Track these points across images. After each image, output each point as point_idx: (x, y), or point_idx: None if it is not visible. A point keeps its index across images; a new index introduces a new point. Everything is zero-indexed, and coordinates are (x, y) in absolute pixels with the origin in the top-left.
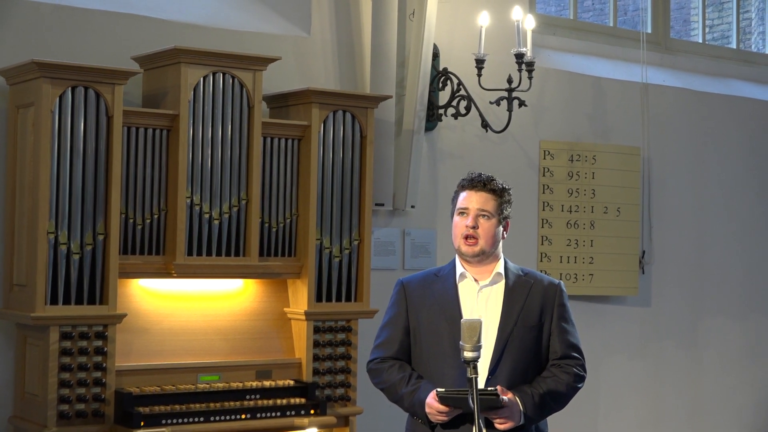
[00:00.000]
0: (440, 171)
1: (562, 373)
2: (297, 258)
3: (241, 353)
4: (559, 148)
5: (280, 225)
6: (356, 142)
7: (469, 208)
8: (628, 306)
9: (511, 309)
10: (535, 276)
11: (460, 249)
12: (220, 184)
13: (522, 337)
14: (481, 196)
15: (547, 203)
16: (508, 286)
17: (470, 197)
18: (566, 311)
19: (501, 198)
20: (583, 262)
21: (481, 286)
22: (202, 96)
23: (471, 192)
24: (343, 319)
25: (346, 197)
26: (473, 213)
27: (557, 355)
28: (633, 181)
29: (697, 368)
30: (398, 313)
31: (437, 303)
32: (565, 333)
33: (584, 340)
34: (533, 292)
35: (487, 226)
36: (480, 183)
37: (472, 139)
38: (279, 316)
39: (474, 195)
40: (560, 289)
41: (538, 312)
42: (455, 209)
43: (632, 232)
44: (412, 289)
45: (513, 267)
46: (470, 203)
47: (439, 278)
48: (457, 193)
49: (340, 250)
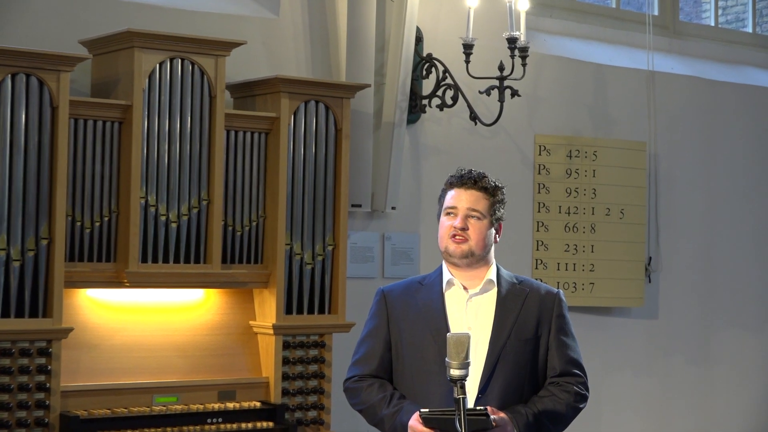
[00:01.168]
0: (424, 168)
1: (562, 392)
2: (264, 265)
3: (201, 371)
4: (557, 143)
5: (246, 228)
6: (330, 136)
7: (458, 208)
8: (633, 318)
9: (504, 320)
10: (531, 284)
11: (447, 249)
12: (178, 182)
13: (516, 352)
14: (471, 195)
15: (542, 204)
16: (501, 294)
17: (459, 196)
18: (566, 323)
19: (493, 197)
20: (582, 270)
21: (470, 294)
22: (158, 84)
23: (460, 190)
24: (315, 334)
25: (319, 198)
26: (462, 213)
27: (556, 372)
28: (638, 179)
29: (708, 386)
30: (378, 325)
31: (421, 314)
32: (564, 347)
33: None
34: (529, 301)
35: (477, 227)
36: (470, 180)
37: (459, 133)
38: (244, 330)
39: (463, 193)
40: (559, 298)
41: (534, 324)
42: (442, 209)
43: (637, 237)
44: (394, 299)
45: (506, 274)
46: (459, 202)
47: (423, 286)
48: (444, 192)
49: (313, 256)
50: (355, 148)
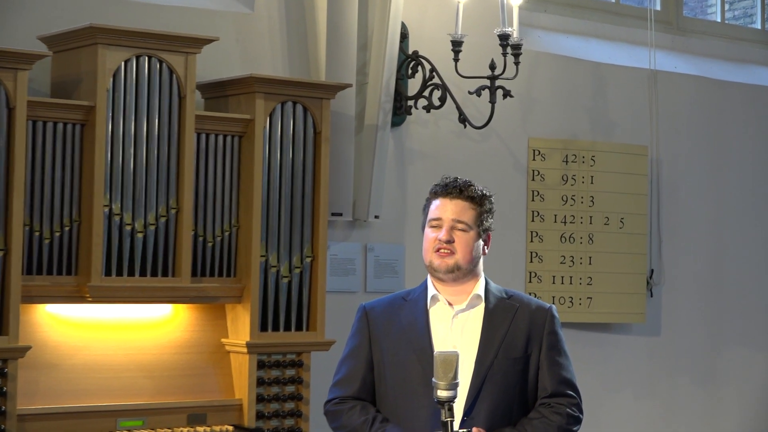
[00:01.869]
0: (410, 174)
1: (553, 414)
2: (237, 279)
3: (169, 393)
4: (552, 147)
5: (217, 239)
6: (309, 139)
7: (443, 219)
8: (634, 335)
9: (492, 337)
10: (521, 299)
11: (432, 263)
12: (144, 189)
13: (504, 371)
14: (456, 205)
15: (537, 213)
16: (489, 310)
17: (444, 206)
18: (558, 340)
19: (481, 207)
20: (580, 284)
21: (456, 311)
22: (124, 84)
23: (445, 200)
24: (292, 352)
25: (296, 206)
26: (447, 224)
27: (547, 393)
28: (639, 186)
29: (715, 409)
30: (360, 344)
31: (404, 332)
32: (556, 366)
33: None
34: (519, 317)
35: (464, 240)
36: (455, 189)
37: (447, 136)
38: (215, 349)
39: (449, 203)
40: (551, 314)
41: (524, 341)
42: (426, 220)
43: (638, 248)
44: (376, 316)
45: (495, 288)
46: (444, 213)
47: (407, 302)
48: (428, 202)
49: (290, 269)
50: (336, 153)
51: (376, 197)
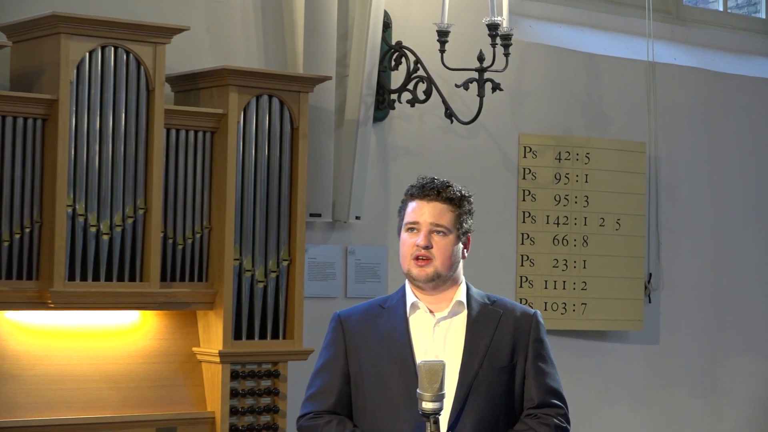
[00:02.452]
0: (393, 172)
1: (540, 425)
2: (209, 283)
3: (137, 405)
4: (544, 144)
5: (188, 241)
6: (286, 135)
7: (420, 223)
8: (631, 343)
9: (476, 346)
10: (505, 305)
11: (410, 272)
12: (110, 189)
13: (490, 382)
14: (434, 208)
15: (528, 213)
16: (471, 317)
17: (421, 209)
18: (544, 348)
19: (460, 208)
20: (573, 289)
21: (437, 318)
22: (88, 76)
23: (422, 202)
24: (268, 362)
25: (272, 206)
26: (425, 229)
27: (533, 403)
28: (637, 185)
29: (716, 422)
30: (335, 355)
31: (383, 342)
32: (542, 375)
33: (576, 386)
34: (503, 324)
35: (443, 245)
36: (433, 191)
37: (433, 132)
38: (186, 358)
39: (426, 206)
40: (536, 320)
41: (509, 349)
42: (402, 224)
43: (636, 251)
44: (352, 325)
45: (477, 294)
46: (421, 216)
47: (385, 310)
48: (404, 204)
49: (265, 273)
50: (314, 150)
51: (357, 197)
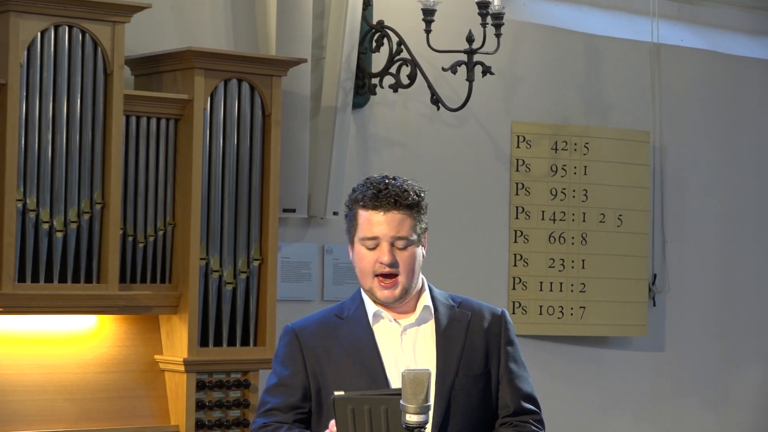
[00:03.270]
0: (374, 164)
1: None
2: (173, 285)
3: (94, 419)
4: (539, 133)
5: (150, 239)
6: (257, 123)
7: (380, 237)
8: (634, 350)
9: (449, 355)
10: (471, 305)
11: (374, 293)
12: (64, 181)
13: (468, 392)
14: (393, 219)
15: (521, 209)
16: (440, 323)
17: (378, 221)
18: (516, 350)
19: (418, 211)
20: (571, 291)
21: (403, 326)
22: (40, 58)
23: (377, 213)
24: (237, 371)
25: (242, 200)
26: (386, 242)
27: (509, 410)
28: (640, 178)
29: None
30: (294, 372)
31: (348, 354)
32: (517, 380)
33: (575, 397)
34: (473, 328)
35: (407, 257)
36: (389, 200)
37: (417, 120)
38: (148, 367)
39: (383, 218)
40: (505, 320)
41: (483, 354)
42: (356, 236)
43: (639, 249)
44: (309, 339)
45: (440, 295)
46: (380, 230)
47: (344, 321)
48: (353, 212)
49: (234, 274)
50: (288, 139)
51: (336, 191)
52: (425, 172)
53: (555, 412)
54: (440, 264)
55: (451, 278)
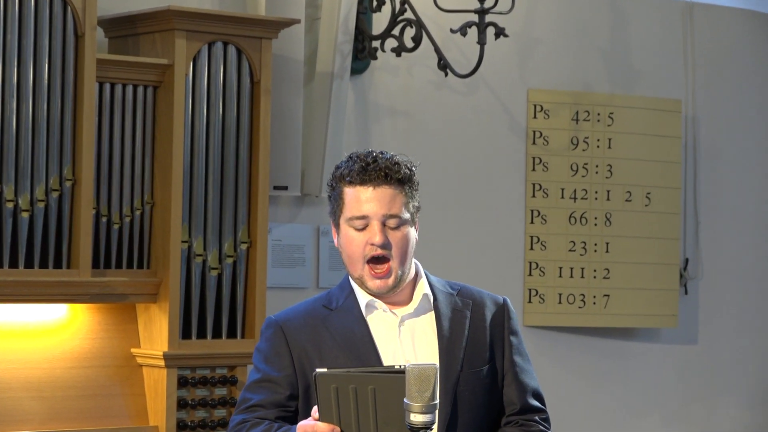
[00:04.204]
0: (374, 135)
1: None
2: (152, 271)
3: (64, 418)
4: (558, 102)
5: (126, 220)
6: (245, 91)
7: (370, 216)
8: (663, 343)
9: (452, 348)
10: (471, 294)
11: (365, 282)
12: (31, 156)
13: (473, 388)
14: (384, 195)
15: (539, 186)
16: (441, 313)
17: (367, 198)
18: (520, 341)
19: (410, 186)
20: (594, 277)
21: (401, 317)
22: (3, 19)
23: (366, 189)
24: (223, 366)
25: (228, 177)
26: (377, 221)
27: (516, 408)
28: (671, 151)
29: None
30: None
31: (341, 348)
32: (523, 374)
33: (597, 395)
34: (475, 318)
35: (399, 239)
36: (378, 174)
37: (423, 87)
38: (124, 361)
39: (372, 193)
40: (508, 309)
41: (487, 347)
42: (341, 217)
43: (670, 231)
44: (295, 332)
45: (438, 282)
46: (370, 208)
47: (333, 312)
48: (337, 190)
49: (220, 258)
50: (279, 109)
51: (332, 166)
52: (431, 145)
53: (574, 413)
54: (447, 248)
55: (459, 264)
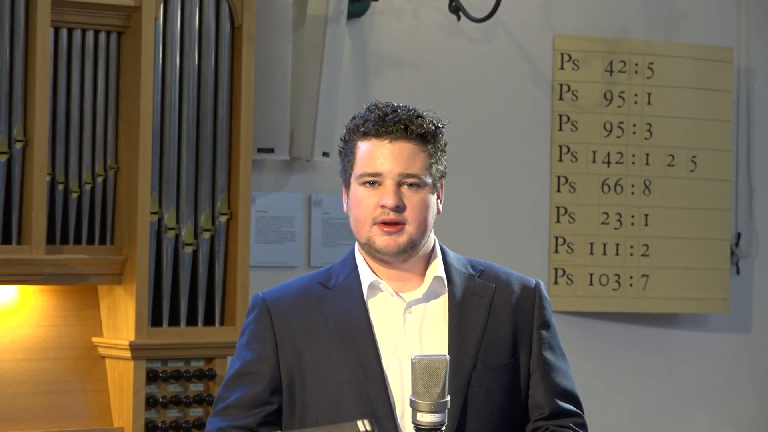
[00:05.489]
0: (375, 89)
1: None
2: (116, 247)
3: (15, 419)
4: (589, 50)
5: (86, 188)
6: (224, 38)
7: (384, 174)
8: (712, 332)
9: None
10: (496, 274)
11: (373, 242)
12: None
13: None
14: (402, 150)
15: (566, 148)
16: (455, 298)
17: (383, 153)
18: (553, 334)
19: (435, 146)
20: (630, 255)
21: (408, 302)
22: None
23: (382, 142)
24: (199, 357)
25: (205, 138)
26: (392, 181)
27: (544, 413)
28: (720, 108)
29: None
30: (260, 356)
31: (332, 336)
32: (553, 373)
33: (634, 392)
34: (497, 304)
35: (416, 202)
36: (398, 126)
37: (433, 34)
38: (84, 352)
39: (388, 148)
40: (540, 295)
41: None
42: (353, 173)
43: (719, 201)
44: (284, 313)
45: (457, 260)
46: (384, 164)
47: (330, 291)
48: (350, 144)
49: (195, 233)
50: (265, 58)
51: (326, 125)
52: (441, 101)
53: (607, 414)
54: (458, 220)
55: (472, 239)
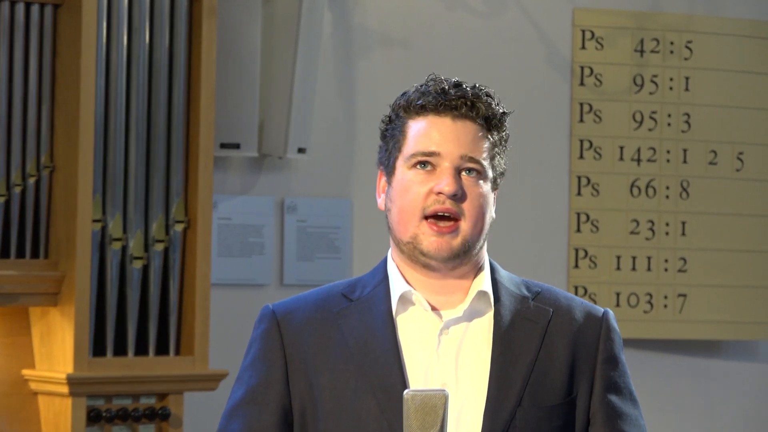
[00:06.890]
0: (361, 73)
1: None
2: (52, 261)
3: None
4: (615, 26)
5: (15, 190)
6: (180, 12)
7: (442, 155)
8: (761, 362)
9: (511, 372)
10: (556, 298)
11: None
12: None
13: (534, 429)
14: (465, 130)
15: (589, 143)
16: (502, 321)
17: (443, 130)
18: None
19: (499, 133)
20: (665, 270)
21: (445, 321)
22: None
23: (442, 119)
24: (151, 393)
25: (158, 132)
26: (452, 165)
27: None
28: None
29: None
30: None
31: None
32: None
33: (670, 427)
34: (554, 333)
35: (476, 195)
36: (464, 102)
37: (429, 7)
38: (13, 388)
39: (451, 126)
40: (608, 325)
41: (566, 375)
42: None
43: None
44: (297, 329)
45: (508, 279)
46: (444, 144)
47: (354, 304)
48: (397, 123)
49: (146, 245)
50: (229, 36)
51: (301, 117)
52: None
53: None
54: None
55: None
